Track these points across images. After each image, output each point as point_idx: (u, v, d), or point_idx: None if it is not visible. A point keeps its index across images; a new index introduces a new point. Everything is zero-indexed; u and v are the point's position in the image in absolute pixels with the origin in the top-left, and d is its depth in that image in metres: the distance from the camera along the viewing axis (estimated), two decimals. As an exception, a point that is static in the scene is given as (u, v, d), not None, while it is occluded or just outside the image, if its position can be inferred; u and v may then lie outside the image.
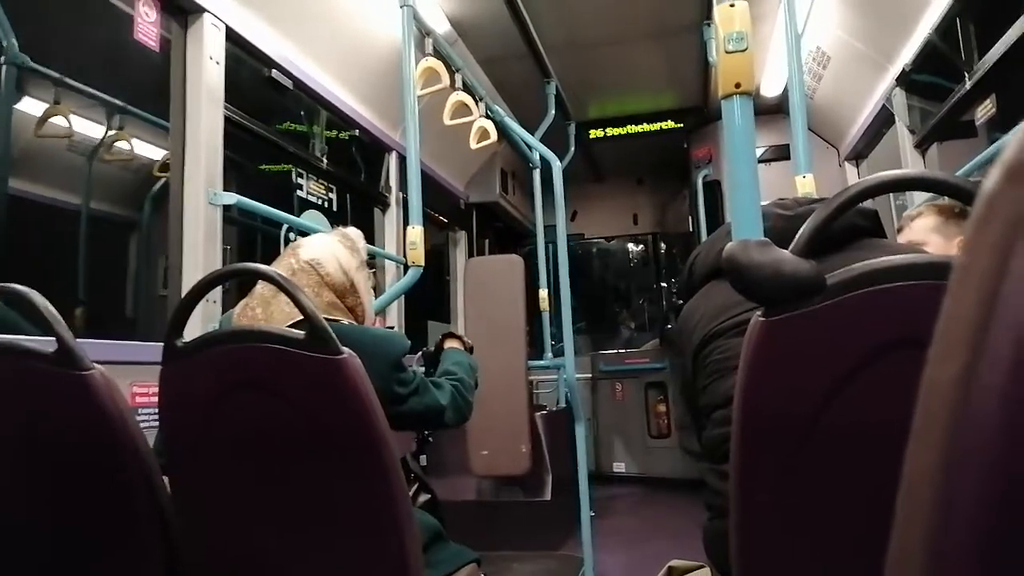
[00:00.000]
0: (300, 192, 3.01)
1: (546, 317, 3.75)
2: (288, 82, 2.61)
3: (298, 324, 1.06)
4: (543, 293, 3.69)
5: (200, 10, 2.11)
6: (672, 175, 5.82)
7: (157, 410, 1.09)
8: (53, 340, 1.03)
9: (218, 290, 2.02)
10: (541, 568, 2.74)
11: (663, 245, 6.37)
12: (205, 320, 1.91)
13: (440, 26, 3.19)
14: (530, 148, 3.69)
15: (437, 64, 2.62)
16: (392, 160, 3.53)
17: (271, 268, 1.09)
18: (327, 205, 3.18)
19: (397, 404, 1.19)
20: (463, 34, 3.48)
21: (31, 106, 2.11)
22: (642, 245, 6.58)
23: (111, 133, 2.38)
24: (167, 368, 1.07)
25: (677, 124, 4.93)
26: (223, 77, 2.20)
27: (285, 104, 2.87)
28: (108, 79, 2.25)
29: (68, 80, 2.11)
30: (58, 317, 1.04)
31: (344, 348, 0.96)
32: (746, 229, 0.95)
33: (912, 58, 2.84)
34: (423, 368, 1.58)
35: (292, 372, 0.98)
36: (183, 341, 1.07)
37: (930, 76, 2.91)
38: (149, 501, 1.08)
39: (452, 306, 4.69)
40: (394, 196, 3.53)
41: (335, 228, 1.40)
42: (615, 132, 5.00)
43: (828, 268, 0.71)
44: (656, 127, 4.94)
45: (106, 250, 2.55)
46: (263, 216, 2.27)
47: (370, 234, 3.47)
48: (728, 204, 4.38)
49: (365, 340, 1.13)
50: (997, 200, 0.22)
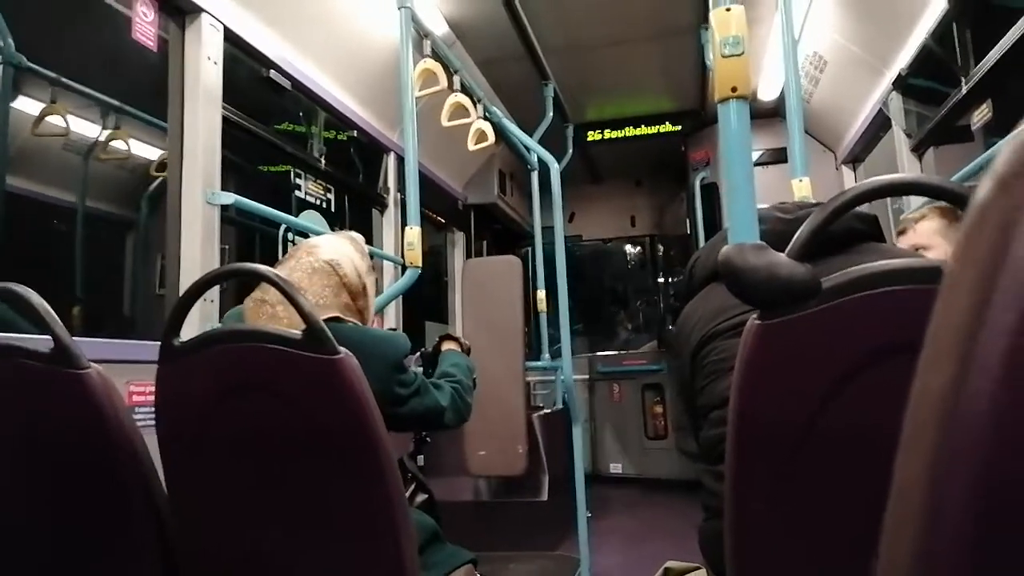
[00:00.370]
0: (298, 192, 3.01)
1: (544, 318, 3.74)
2: (286, 83, 2.61)
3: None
4: (541, 294, 3.68)
5: (198, 10, 2.11)
6: (670, 177, 5.82)
7: (154, 409, 1.09)
8: (49, 339, 1.03)
9: (215, 290, 2.01)
10: (537, 568, 2.75)
11: (660, 247, 6.37)
12: (202, 319, 1.90)
13: (438, 28, 3.19)
14: (528, 150, 3.69)
15: (435, 65, 2.62)
16: (390, 161, 3.53)
17: (270, 268, 1.08)
18: (325, 205, 3.18)
19: (398, 405, 1.19)
20: (461, 36, 3.48)
21: (28, 105, 2.11)
22: (640, 247, 6.57)
23: (107, 132, 2.38)
24: (164, 367, 1.07)
25: (675, 127, 4.93)
26: (221, 77, 2.19)
27: (283, 105, 2.87)
28: (105, 79, 2.25)
29: (64, 80, 2.11)
30: (54, 316, 1.04)
31: (341, 348, 0.96)
32: (742, 232, 0.95)
33: (908, 62, 2.85)
34: (421, 368, 1.59)
35: (289, 372, 0.98)
36: (180, 340, 1.07)
37: (926, 80, 2.92)
38: (145, 500, 1.08)
39: (450, 307, 4.69)
40: (392, 197, 3.53)
41: (335, 230, 1.40)
42: (613, 135, 5.00)
43: (825, 272, 0.71)
44: (654, 130, 4.94)
45: (103, 249, 2.55)
46: (261, 216, 2.26)
47: (368, 235, 3.47)
48: (725, 207, 4.38)
49: (366, 341, 1.13)
50: (988, 209, 0.22)
